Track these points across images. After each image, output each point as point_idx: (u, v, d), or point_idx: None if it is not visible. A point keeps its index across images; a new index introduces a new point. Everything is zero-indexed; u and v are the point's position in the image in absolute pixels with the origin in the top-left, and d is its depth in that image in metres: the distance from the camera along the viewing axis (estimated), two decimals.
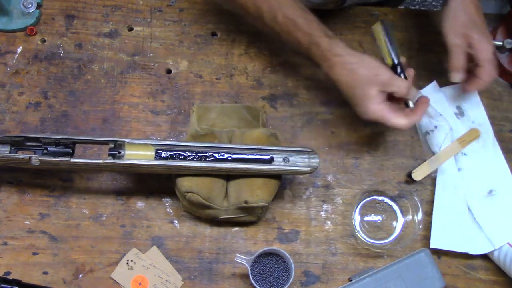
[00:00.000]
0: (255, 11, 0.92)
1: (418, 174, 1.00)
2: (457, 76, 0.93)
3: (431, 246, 0.96)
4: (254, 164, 0.89)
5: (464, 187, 0.99)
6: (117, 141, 0.89)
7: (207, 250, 0.96)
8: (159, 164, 0.87)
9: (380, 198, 0.99)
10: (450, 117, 1.03)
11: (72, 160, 0.87)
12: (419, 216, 0.95)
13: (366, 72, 0.88)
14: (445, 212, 0.98)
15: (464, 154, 1.02)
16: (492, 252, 0.97)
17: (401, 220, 0.99)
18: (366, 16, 1.10)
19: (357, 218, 0.98)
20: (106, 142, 0.89)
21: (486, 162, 1.01)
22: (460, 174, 1.00)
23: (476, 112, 1.04)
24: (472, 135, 1.02)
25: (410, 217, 0.98)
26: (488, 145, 1.02)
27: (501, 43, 1.05)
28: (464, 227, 0.98)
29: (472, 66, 0.94)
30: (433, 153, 1.02)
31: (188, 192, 0.89)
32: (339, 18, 1.09)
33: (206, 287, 0.95)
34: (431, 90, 1.05)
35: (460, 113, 1.04)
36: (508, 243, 0.95)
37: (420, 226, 0.95)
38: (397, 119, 0.89)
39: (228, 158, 0.89)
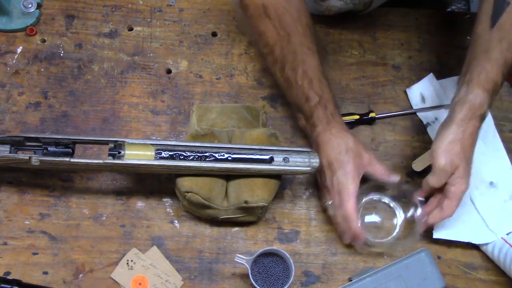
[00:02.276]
0: (278, 54, 0.92)
1: (418, 164, 1.00)
2: (421, 194, 0.94)
3: (434, 236, 0.96)
4: (254, 164, 0.89)
5: None
6: (117, 141, 0.89)
7: (207, 250, 0.96)
8: (159, 164, 0.87)
9: (380, 197, 0.99)
10: (449, 107, 1.03)
11: (72, 160, 0.86)
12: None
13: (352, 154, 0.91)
14: None
15: None
16: (492, 252, 0.97)
17: (401, 219, 0.99)
18: (366, 17, 1.10)
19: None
20: (106, 142, 0.89)
21: (487, 154, 1.01)
22: None
23: None
24: None
25: (410, 215, 0.97)
26: (488, 136, 1.02)
27: None
28: (466, 217, 0.98)
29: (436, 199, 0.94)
30: None
31: (188, 192, 0.89)
32: (340, 18, 1.09)
33: (206, 287, 0.94)
34: (428, 82, 1.06)
35: None
36: (508, 242, 0.95)
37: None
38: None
39: (228, 158, 0.89)
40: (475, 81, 0.88)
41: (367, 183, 0.97)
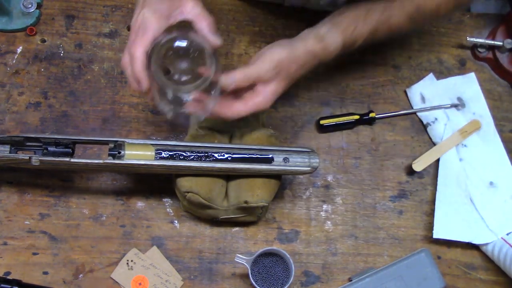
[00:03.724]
0: None
1: (419, 164, 1.00)
2: (230, 81, 0.82)
3: (434, 236, 0.96)
4: (254, 164, 0.89)
5: (466, 178, 1.00)
6: (117, 141, 0.89)
7: (207, 250, 0.96)
8: (159, 164, 0.87)
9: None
10: (448, 108, 1.04)
11: (72, 160, 0.86)
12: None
13: None
14: (448, 202, 0.99)
15: (465, 145, 1.02)
16: (492, 252, 0.97)
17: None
18: None
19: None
20: (106, 142, 0.89)
21: (487, 154, 1.02)
22: (462, 165, 1.01)
23: (477, 104, 1.05)
24: (473, 126, 1.03)
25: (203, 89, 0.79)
26: (488, 137, 1.03)
27: (501, 43, 1.05)
28: (466, 217, 0.98)
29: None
30: (434, 144, 1.02)
31: (188, 192, 0.89)
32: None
33: (206, 287, 0.95)
34: (428, 82, 1.06)
35: (462, 104, 1.05)
36: (508, 242, 0.95)
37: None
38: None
39: (228, 158, 0.89)
40: (341, 30, 0.86)
41: (367, 185, 0.96)
